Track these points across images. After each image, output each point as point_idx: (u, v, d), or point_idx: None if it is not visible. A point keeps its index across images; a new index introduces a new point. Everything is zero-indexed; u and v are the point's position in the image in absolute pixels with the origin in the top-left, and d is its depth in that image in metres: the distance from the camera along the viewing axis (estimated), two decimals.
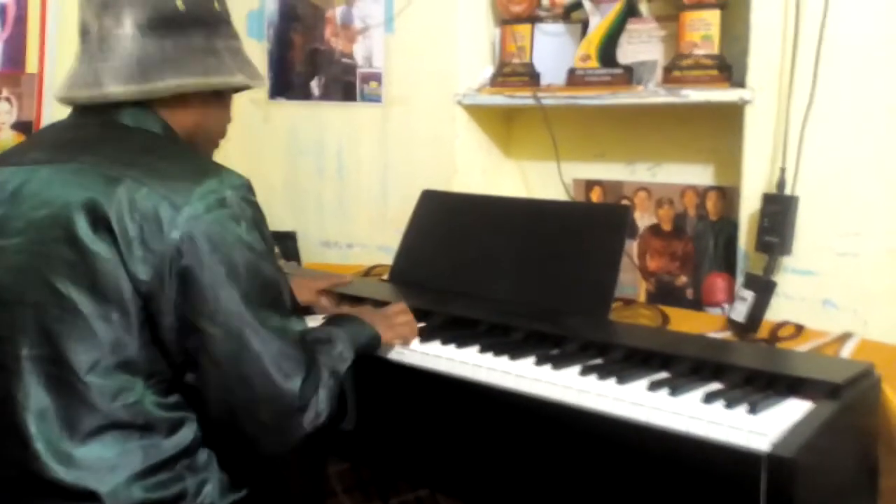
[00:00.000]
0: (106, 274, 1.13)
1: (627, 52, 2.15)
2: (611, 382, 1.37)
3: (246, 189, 1.21)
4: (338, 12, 2.50)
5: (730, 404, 1.26)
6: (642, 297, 2.19)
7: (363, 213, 2.49)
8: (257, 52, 2.64)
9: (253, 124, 2.70)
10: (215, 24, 1.32)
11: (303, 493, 2.05)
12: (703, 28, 1.95)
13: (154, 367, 1.16)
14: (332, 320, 1.45)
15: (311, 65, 2.56)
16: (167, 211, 1.13)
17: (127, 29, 1.26)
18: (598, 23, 2.12)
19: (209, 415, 1.21)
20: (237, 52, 1.36)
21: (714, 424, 1.21)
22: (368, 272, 2.20)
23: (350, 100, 2.47)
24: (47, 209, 1.16)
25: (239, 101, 2.60)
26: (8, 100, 2.40)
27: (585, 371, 1.41)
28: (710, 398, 1.28)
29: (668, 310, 1.88)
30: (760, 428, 1.18)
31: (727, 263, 2.04)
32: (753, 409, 1.24)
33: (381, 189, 2.45)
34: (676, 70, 1.99)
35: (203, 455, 1.23)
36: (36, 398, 1.14)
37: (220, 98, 1.37)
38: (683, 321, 1.82)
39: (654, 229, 2.18)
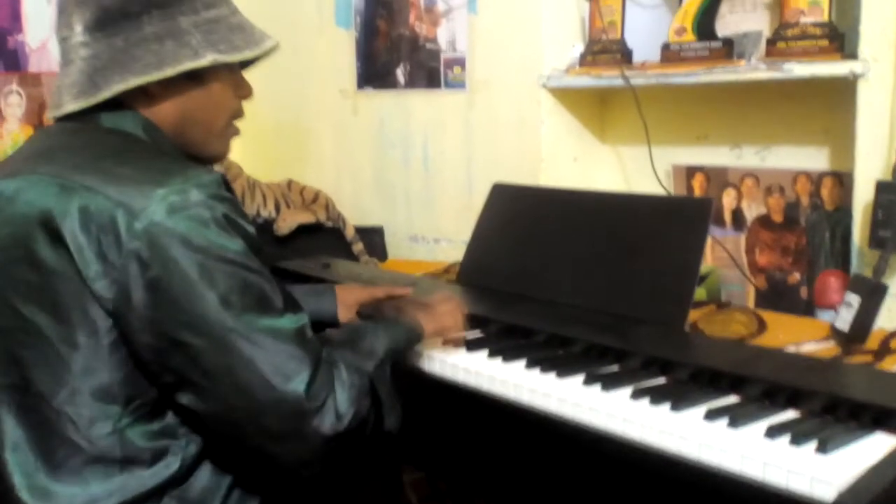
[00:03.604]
0: (68, 294, 1.05)
1: (728, 23, 1.93)
2: (664, 409, 1.20)
3: (215, 185, 1.08)
4: None
5: (797, 440, 1.07)
6: (751, 297, 1.97)
7: (449, 207, 2.37)
8: (345, 41, 2.56)
9: (342, 116, 2.63)
10: (175, 1, 1.16)
11: (378, 500, 1.98)
12: None
13: (133, 391, 1.08)
14: (367, 317, 1.33)
15: (396, 52, 2.46)
16: (123, 218, 1.03)
17: (78, 36, 1.15)
18: None
19: (215, 434, 1.12)
20: (214, 23, 1.19)
21: (771, 466, 1.03)
22: (448, 270, 2.08)
23: (434, 87, 2.35)
24: (10, 227, 1.09)
25: (328, 93, 2.60)
26: None
27: (637, 394, 1.24)
28: (774, 432, 1.10)
29: (769, 315, 1.67)
30: (826, 472, 1.00)
31: (844, 259, 1.79)
32: (824, 447, 1.05)
33: (466, 181, 2.31)
34: (781, 41, 1.75)
35: (198, 484, 1.14)
36: (9, 429, 1.08)
37: (198, 82, 1.20)
38: (783, 328, 1.61)
39: (764, 220, 1.96)
